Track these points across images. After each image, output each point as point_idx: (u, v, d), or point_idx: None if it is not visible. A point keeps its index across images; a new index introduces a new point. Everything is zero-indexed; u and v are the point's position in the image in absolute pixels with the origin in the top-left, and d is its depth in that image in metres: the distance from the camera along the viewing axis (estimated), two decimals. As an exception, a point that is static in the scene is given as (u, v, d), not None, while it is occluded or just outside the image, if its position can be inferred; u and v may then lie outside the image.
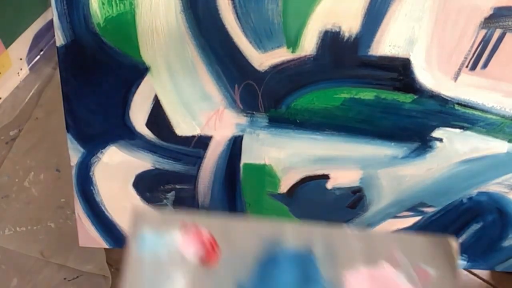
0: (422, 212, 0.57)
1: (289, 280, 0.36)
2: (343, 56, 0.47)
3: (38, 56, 0.98)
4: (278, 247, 0.37)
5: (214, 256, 0.35)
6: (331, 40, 0.46)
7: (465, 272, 0.90)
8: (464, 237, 0.59)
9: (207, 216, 0.38)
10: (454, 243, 0.38)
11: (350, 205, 0.57)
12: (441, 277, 0.37)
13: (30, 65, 0.95)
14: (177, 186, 0.56)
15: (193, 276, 0.34)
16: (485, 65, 0.46)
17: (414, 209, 0.57)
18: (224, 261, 0.35)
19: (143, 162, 0.54)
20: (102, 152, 0.54)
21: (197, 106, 0.50)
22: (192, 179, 0.55)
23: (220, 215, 0.35)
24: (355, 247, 0.37)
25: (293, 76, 0.48)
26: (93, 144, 0.53)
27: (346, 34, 0.45)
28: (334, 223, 0.42)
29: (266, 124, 0.51)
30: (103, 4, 0.45)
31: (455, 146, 0.52)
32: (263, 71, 0.48)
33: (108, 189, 0.56)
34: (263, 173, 0.54)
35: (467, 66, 0.47)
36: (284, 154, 0.53)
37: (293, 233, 0.38)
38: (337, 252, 0.37)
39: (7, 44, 0.86)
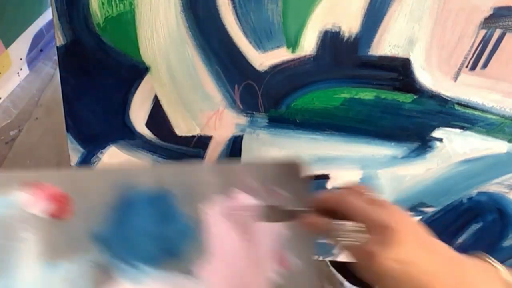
0: (422, 212, 0.57)
1: (147, 221, 0.36)
2: (343, 56, 0.46)
3: (38, 56, 0.98)
4: (132, 191, 0.36)
5: (66, 208, 0.34)
6: (331, 40, 0.46)
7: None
8: (464, 237, 0.59)
9: (49, 172, 0.36)
10: (300, 165, 0.41)
11: (350, 205, 0.57)
12: (290, 196, 0.40)
13: (30, 65, 0.95)
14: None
15: (44, 231, 0.33)
16: (485, 65, 0.46)
17: (414, 209, 0.57)
18: (77, 212, 0.34)
19: (143, 162, 0.54)
20: (102, 152, 0.54)
21: (197, 106, 0.50)
22: (192, 179, 0.55)
23: (66, 169, 0.34)
24: (209, 181, 0.38)
25: (293, 76, 0.48)
26: (93, 144, 0.53)
27: (346, 34, 0.45)
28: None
29: (266, 124, 0.51)
30: (103, 4, 0.45)
31: (455, 146, 0.52)
32: (263, 71, 0.48)
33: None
34: (263, 173, 0.54)
35: (467, 66, 0.46)
36: (284, 154, 0.53)
37: (146, 176, 0.37)
38: (192, 187, 0.37)
39: (7, 44, 0.86)
